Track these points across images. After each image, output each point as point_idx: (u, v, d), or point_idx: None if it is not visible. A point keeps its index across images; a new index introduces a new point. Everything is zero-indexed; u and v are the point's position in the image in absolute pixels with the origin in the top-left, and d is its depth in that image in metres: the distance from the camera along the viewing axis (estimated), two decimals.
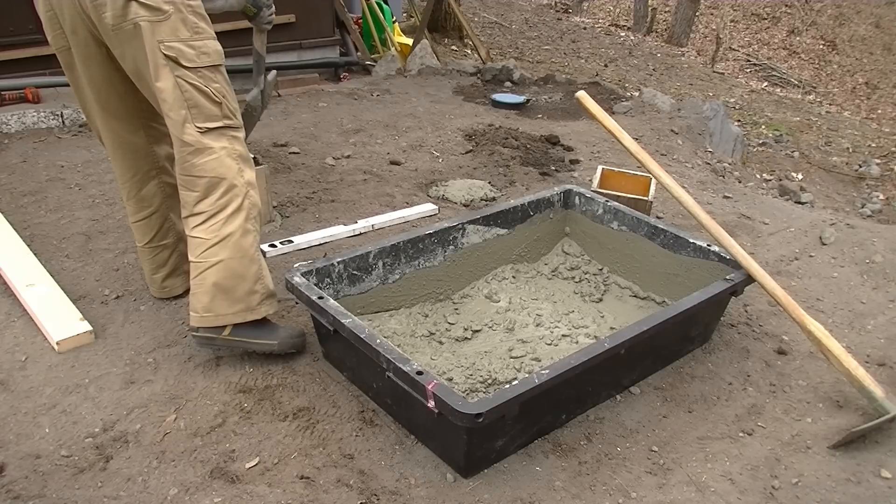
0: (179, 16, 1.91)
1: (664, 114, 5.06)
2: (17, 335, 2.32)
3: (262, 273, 2.14)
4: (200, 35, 1.97)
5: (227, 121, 2.05)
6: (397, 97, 5.14)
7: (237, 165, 2.07)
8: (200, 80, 1.97)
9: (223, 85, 2.04)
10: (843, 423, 2.07)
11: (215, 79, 2.01)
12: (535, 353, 2.27)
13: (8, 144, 3.85)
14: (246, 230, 2.08)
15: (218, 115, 2.02)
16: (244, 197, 2.08)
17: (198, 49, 1.96)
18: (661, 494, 1.83)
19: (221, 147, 2.04)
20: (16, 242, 2.80)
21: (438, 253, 2.50)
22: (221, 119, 2.03)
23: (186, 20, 1.93)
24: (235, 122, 2.09)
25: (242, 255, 2.08)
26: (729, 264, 2.32)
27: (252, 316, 2.13)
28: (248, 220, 2.09)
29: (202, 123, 2.00)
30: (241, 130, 2.13)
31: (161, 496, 1.76)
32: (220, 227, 2.05)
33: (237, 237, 2.07)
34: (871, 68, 11.80)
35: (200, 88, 1.98)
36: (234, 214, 2.06)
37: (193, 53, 1.95)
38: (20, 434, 1.93)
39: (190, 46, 1.94)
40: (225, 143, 2.05)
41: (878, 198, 5.83)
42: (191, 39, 1.94)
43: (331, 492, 1.78)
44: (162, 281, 2.47)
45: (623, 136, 2.48)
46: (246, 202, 2.08)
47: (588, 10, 13.28)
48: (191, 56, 1.95)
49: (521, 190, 3.63)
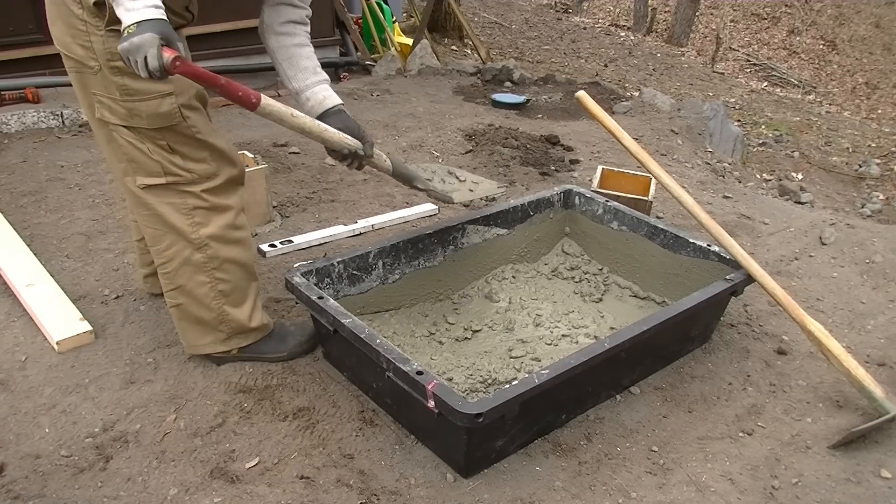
0: (105, 75, 1.76)
1: (664, 114, 5.06)
2: (17, 335, 2.32)
3: (224, 318, 2.07)
4: (132, 97, 1.77)
5: (173, 178, 1.89)
6: (397, 97, 5.13)
7: (188, 220, 1.93)
8: (136, 138, 1.84)
9: (172, 141, 1.85)
10: (843, 423, 2.07)
11: (158, 136, 1.84)
12: (534, 353, 2.27)
13: (8, 144, 3.85)
14: (199, 283, 2.01)
15: (159, 171, 1.87)
16: (195, 251, 1.96)
17: (129, 110, 1.79)
18: (661, 494, 1.83)
19: (166, 203, 1.91)
20: (16, 242, 2.80)
21: (438, 253, 2.50)
22: (164, 176, 1.88)
23: (112, 81, 1.76)
24: (187, 176, 1.90)
25: (198, 304, 2.05)
26: (729, 264, 2.32)
27: (224, 347, 2.14)
28: (203, 273, 2.00)
29: (143, 179, 1.89)
30: (203, 182, 1.93)
31: (161, 496, 1.76)
32: (171, 276, 2.02)
33: (189, 288, 2.02)
34: (871, 68, 11.80)
35: (136, 146, 1.85)
36: (181, 268, 1.99)
37: (125, 113, 1.80)
38: (20, 434, 1.93)
39: (120, 106, 1.79)
40: (173, 198, 1.91)
41: (878, 198, 5.83)
42: (120, 100, 1.78)
43: (331, 492, 1.78)
44: (144, 277, 2.46)
45: (623, 136, 2.48)
46: (197, 256, 1.97)
47: (588, 10, 13.28)
48: (122, 115, 1.81)
49: (521, 190, 3.63)
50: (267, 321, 2.20)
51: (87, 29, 1.72)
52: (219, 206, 1.97)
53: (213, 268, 2.01)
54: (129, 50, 1.54)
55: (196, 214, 1.94)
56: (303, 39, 2.01)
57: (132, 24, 1.54)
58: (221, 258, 2.01)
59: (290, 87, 2.03)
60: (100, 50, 1.73)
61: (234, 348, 2.16)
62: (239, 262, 2.05)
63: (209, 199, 1.95)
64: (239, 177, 2.03)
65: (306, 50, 2.01)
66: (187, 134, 1.87)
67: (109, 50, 1.72)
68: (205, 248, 1.97)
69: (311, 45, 2.04)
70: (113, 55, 1.71)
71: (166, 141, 1.85)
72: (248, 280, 2.10)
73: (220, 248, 1.99)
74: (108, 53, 1.73)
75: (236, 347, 2.16)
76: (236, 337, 2.14)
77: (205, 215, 1.95)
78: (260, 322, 2.16)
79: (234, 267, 2.04)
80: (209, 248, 1.97)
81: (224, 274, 2.03)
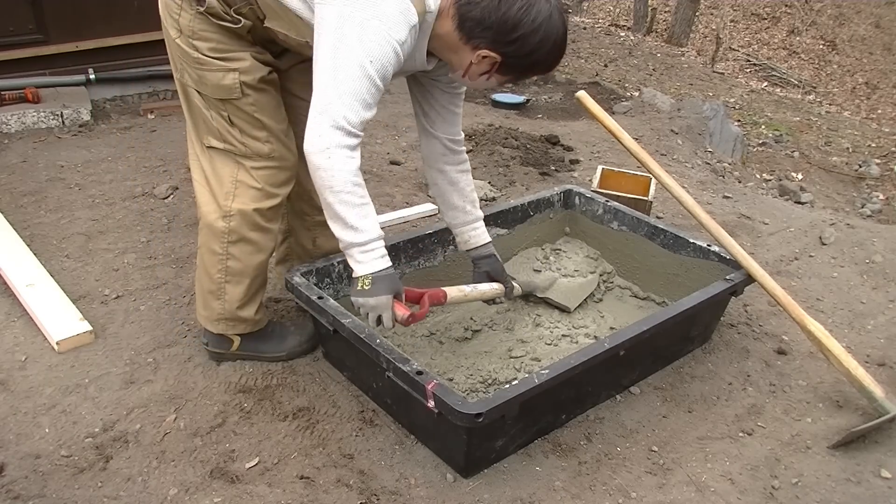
0: (184, 43, 1.85)
1: (664, 114, 5.06)
2: (17, 335, 2.32)
3: (222, 295, 2.08)
4: (202, 66, 1.86)
5: (229, 146, 1.96)
6: (397, 97, 5.13)
7: (227, 189, 1.98)
8: (203, 104, 1.92)
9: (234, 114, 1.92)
10: (843, 423, 2.07)
11: (220, 107, 1.91)
12: (534, 352, 2.27)
13: (8, 144, 3.85)
14: (210, 251, 2.04)
15: (219, 137, 1.95)
16: (218, 218, 2.00)
17: (199, 77, 1.88)
18: (661, 494, 1.83)
19: (220, 166, 1.98)
20: (16, 242, 2.80)
21: (438, 253, 2.50)
22: (222, 142, 1.96)
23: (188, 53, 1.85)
24: (242, 148, 1.96)
25: (203, 270, 2.09)
26: (729, 264, 2.32)
27: (210, 327, 2.15)
28: (218, 243, 2.03)
29: (208, 139, 1.97)
30: (257, 159, 1.98)
31: (161, 496, 1.76)
32: (200, 233, 2.08)
33: (203, 252, 2.07)
34: (871, 68, 11.80)
35: (202, 110, 1.93)
36: (205, 229, 2.04)
37: (197, 79, 1.89)
38: (20, 434, 1.93)
39: (195, 72, 1.88)
40: (227, 164, 1.98)
41: (878, 198, 5.82)
42: (191, 66, 1.88)
43: (331, 492, 1.78)
44: (275, 265, 2.48)
45: (623, 136, 2.48)
46: (220, 224, 2.00)
47: (588, 10, 13.27)
48: (195, 80, 1.90)
49: (521, 190, 3.63)
50: (260, 317, 2.19)
51: (180, 4, 1.82)
52: (264, 189, 2.01)
53: (230, 241, 2.03)
54: (365, 307, 1.76)
55: (239, 187, 1.99)
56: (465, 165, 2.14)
57: (366, 278, 1.72)
58: (240, 235, 2.02)
59: (446, 218, 2.20)
60: (185, 25, 1.83)
61: (225, 333, 2.15)
62: (257, 246, 2.06)
63: (257, 177, 1.99)
64: (291, 165, 2.06)
65: (466, 178, 2.15)
66: (246, 111, 1.92)
67: (193, 28, 1.82)
68: (228, 218, 2.00)
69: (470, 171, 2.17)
70: (194, 34, 1.83)
71: (228, 112, 1.92)
72: (256, 271, 2.11)
73: (243, 225, 2.01)
74: (191, 31, 1.83)
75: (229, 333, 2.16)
76: (223, 322, 2.13)
77: (246, 191, 1.99)
78: (251, 315, 2.15)
79: (249, 249, 2.05)
80: (232, 219, 2.00)
81: (237, 251, 2.04)
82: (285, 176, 2.05)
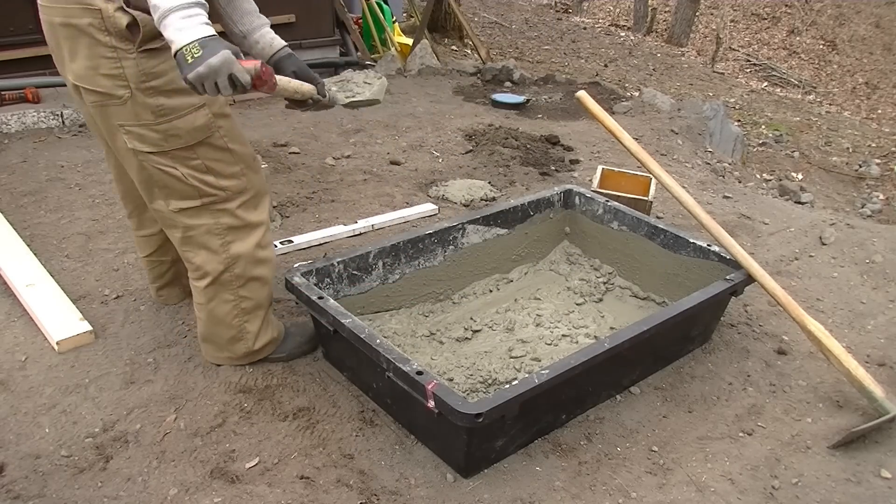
0: (138, 99, 1.71)
1: (664, 114, 5.05)
2: (17, 335, 2.32)
3: (243, 336, 2.10)
4: (167, 117, 1.74)
5: (208, 198, 1.89)
6: (397, 97, 5.13)
7: (219, 241, 1.96)
8: (170, 163, 1.81)
9: (207, 159, 1.85)
10: (843, 423, 2.07)
11: (192, 156, 1.82)
12: (534, 353, 2.27)
13: (8, 144, 3.85)
14: (223, 301, 2.04)
15: (194, 194, 1.87)
16: (223, 272, 1.99)
17: (163, 132, 1.76)
18: (661, 494, 1.83)
19: (199, 224, 1.93)
20: (16, 242, 2.80)
21: (438, 253, 2.50)
22: (199, 198, 1.88)
23: (146, 103, 1.72)
24: (221, 194, 1.90)
25: (217, 322, 2.08)
26: (729, 264, 2.32)
27: (239, 362, 2.18)
28: (228, 291, 2.02)
29: (176, 203, 1.89)
30: (238, 197, 1.93)
31: (161, 496, 1.76)
32: (198, 294, 2.07)
33: (211, 307, 2.06)
34: (871, 68, 11.80)
35: (169, 172, 1.82)
36: (208, 287, 2.02)
37: (158, 137, 1.77)
38: (20, 434, 1.93)
39: (153, 130, 1.76)
40: (206, 219, 1.92)
41: (878, 198, 5.82)
42: (154, 123, 1.75)
43: (331, 492, 1.78)
44: (157, 290, 2.47)
45: (623, 136, 2.48)
46: (225, 276, 2.00)
47: (588, 10, 13.28)
48: (155, 140, 1.77)
49: (521, 190, 3.63)
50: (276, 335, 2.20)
51: (116, 55, 1.66)
52: (250, 223, 2.00)
53: (239, 286, 2.04)
54: (208, 74, 1.46)
55: (228, 234, 1.97)
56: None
57: (193, 45, 1.45)
58: (247, 277, 2.04)
59: (236, 31, 1.93)
60: (132, 74, 1.68)
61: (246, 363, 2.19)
62: (263, 280, 2.08)
63: (242, 215, 1.97)
64: (263, 186, 2.04)
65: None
66: (219, 146, 1.87)
67: (144, 72, 1.68)
68: (233, 266, 2.00)
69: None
70: (148, 76, 1.69)
71: (200, 159, 1.84)
72: (267, 299, 2.13)
73: (247, 266, 2.02)
74: (143, 75, 1.69)
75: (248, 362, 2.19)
76: (248, 357, 2.17)
77: (236, 234, 1.98)
78: (267, 339, 2.17)
79: (257, 285, 2.07)
80: (237, 266, 2.00)
81: (247, 292, 2.06)
82: (262, 198, 2.03)
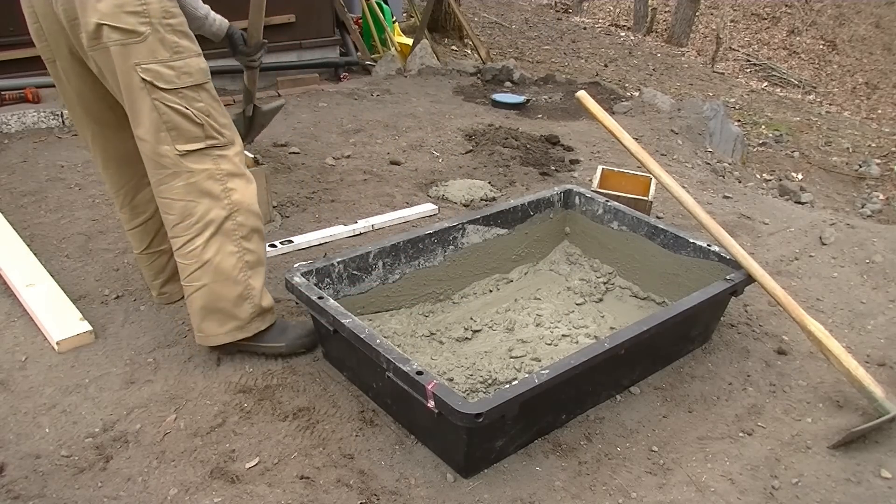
0: (157, 36, 1.83)
1: (664, 114, 5.06)
2: (17, 335, 2.32)
3: (249, 293, 2.10)
4: (181, 54, 1.87)
5: (212, 140, 1.97)
6: (397, 97, 5.13)
7: (220, 186, 2.00)
8: (181, 102, 1.90)
9: (208, 103, 1.96)
10: (843, 423, 2.07)
11: (198, 98, 1.93)
12: (535, 353, 2.27)
13: (8, 144, 3.85)
14: (228, 253, 2.04)
15: (200, 135, 1.95)
16: (226, 219, 2.01)
17: (178, 69, 1.87)
18: (661, 494, 1.83)
19: (203, 169, 1.97)
20: (16, 242, 2.80)
21: (438, 253, 2.50)
22: (204, 140, 1.96)
23: (165, 40, 1.84)
24: (222, 139, 2.00)
25: (224, 278, 2.05)
26: (729, 264, 2.32)
27: (244, 334, 2.14)
28: (232, 242, 2.04)
29: (183, 146, 1.93)
30: (232, 146, 2.04)
31: (161, 496, 1.76)
32: (199, 252, 2.03)
33: (217, 261, 2.03)
34: (871, 68, 11.80)
35: (180, 110, 1.90)
36: (212, 238, 2.01)
37: (173, 74, 1.87)
38: (20, 434, 1.93)
39: (169, 67, 1.86)
40: (208, 164, 1.98)
41: (878, 198, 5.82)
42: (170, 60, 1.86)
43: (331, 492, 1.78)
44: (161, 287, 2.46)
45: (623, 136, 2.48)
46: (228, 224, 2.02)
47: (588, 10, 13.28)
48: (170, 77, 1.87)
49: (521, 190, 3.63)
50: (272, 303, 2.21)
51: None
52: (246, 175, 2.07)
53: (242, 236, 2.06)
54: None
55: (228, 181, 2.02)
56: None
57: None
58: (248, 227, 2.07)
59: (199, 14, 2.12)
60: (155, 10, 1.82)
61: (252, 333, 2.15)
62: (261, 232, 2.13)
63: (238, 164, 2.05)
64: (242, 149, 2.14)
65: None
66: (213, 94, 1.99)
67: (165, 9, 1.83)
68: (235, 214, 2.03)
69: None
70: (167, 14, 1.84)
71: (203, 103, 1.95)
72: (264, 255, 2.16)
73: (247, 216, 2.06)
74: (164, 12, 1.83)
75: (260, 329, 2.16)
76: (258, 319, 2.15)
77: (235, 182, 2.03)
78: (270, 303, 2.19)
79: (257, 237, 2.10)
80: (239, 214, 2.04)
81: (250, 244, 2.08)
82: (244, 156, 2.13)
